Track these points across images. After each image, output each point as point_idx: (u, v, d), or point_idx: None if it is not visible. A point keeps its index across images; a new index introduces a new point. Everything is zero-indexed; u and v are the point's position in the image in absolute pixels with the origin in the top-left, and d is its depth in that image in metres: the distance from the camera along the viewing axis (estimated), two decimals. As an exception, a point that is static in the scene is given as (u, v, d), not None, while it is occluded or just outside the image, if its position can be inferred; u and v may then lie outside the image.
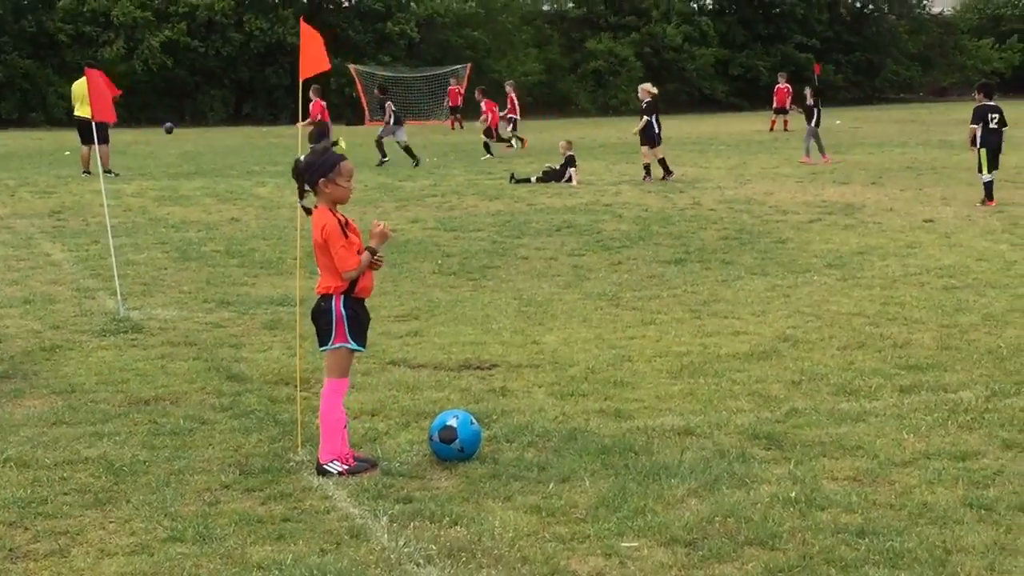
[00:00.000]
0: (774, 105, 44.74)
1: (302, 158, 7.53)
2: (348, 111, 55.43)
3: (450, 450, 7.48)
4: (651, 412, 8.62)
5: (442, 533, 6.34)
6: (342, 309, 7.34)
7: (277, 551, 6.15)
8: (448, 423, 7.51)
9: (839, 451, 7.63)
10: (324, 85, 38.00)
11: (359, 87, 53.63)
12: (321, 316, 7.42)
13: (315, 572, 5.84)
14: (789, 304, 12.48)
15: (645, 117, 25.79)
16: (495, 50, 67.30)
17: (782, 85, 44.40)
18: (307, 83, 8.43)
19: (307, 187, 7.45)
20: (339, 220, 7.29)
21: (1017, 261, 14.77)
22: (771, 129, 43.70)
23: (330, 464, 7.31)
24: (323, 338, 7.43)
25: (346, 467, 7.30)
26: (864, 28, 76.06)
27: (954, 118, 47.61)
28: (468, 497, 6.89)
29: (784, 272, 14.39)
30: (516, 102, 38.26)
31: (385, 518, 6.55)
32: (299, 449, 7.74)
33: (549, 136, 38.68)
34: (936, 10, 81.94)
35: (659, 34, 69.27)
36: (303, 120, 27.69)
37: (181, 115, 58.96)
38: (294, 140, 42.51)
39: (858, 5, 78.40)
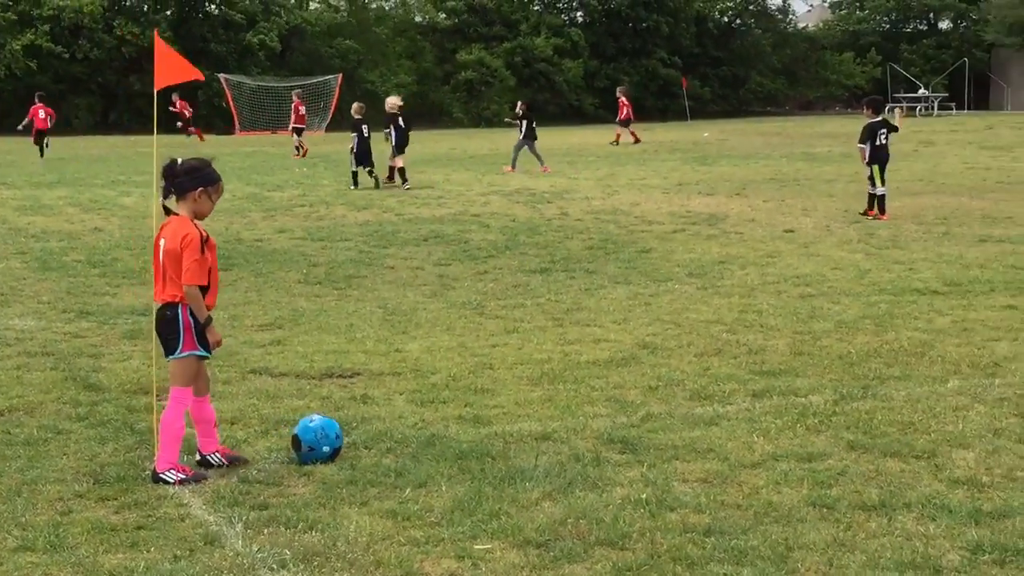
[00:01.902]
0: (618, 118, 45.08)
1: (180, 160, 7.53)
2: (218, 121, 54.92)
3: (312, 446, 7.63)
4: (510, 418, 8.73)
5: (297, 538, 6.37)
6: (188, 318, 7.35)
7: (129, 558, 6.13)
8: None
9: (691, 454, 7.81)
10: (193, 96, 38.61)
11: (228, 97, 53.16)
12: (166, 325, 7.42)
13: (167, 578, 5.84)
14: (650, 312, 12.70)
15: (392, 128, 27.56)
16: (367, 61, 67.18)
17: (622, 98, 44.84)
18: (163, 92, 8.48)
19: (173, 190, 7.45)
20: (201, 235, 7.33)
21: (871, 270, 15.18)
22: (616, 142, 43.68)
23: (167, 473, 7.30)
24: (170, 347, 7.43)
25: (183, 475, 7.30)
26: (731, 42, 77.37)
27: (819, 131, 48.72)
28: (324, 503, 6.93)
29: (646, 281, 14.63)
30: (302, 112, 40.30)
31: (240, 524, 6.56)
32: (155, 458, 7.70)
33: (420, 147, 38.72)
34: (801, 25, 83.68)
35: (529, 46, 69.69)
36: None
37: (46, 123, 57.83)
38: (166, 149, 41.98)
39: (725, 20, 79.71)
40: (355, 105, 28.69)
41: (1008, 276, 14.58)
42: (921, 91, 67.71)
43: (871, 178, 20.55)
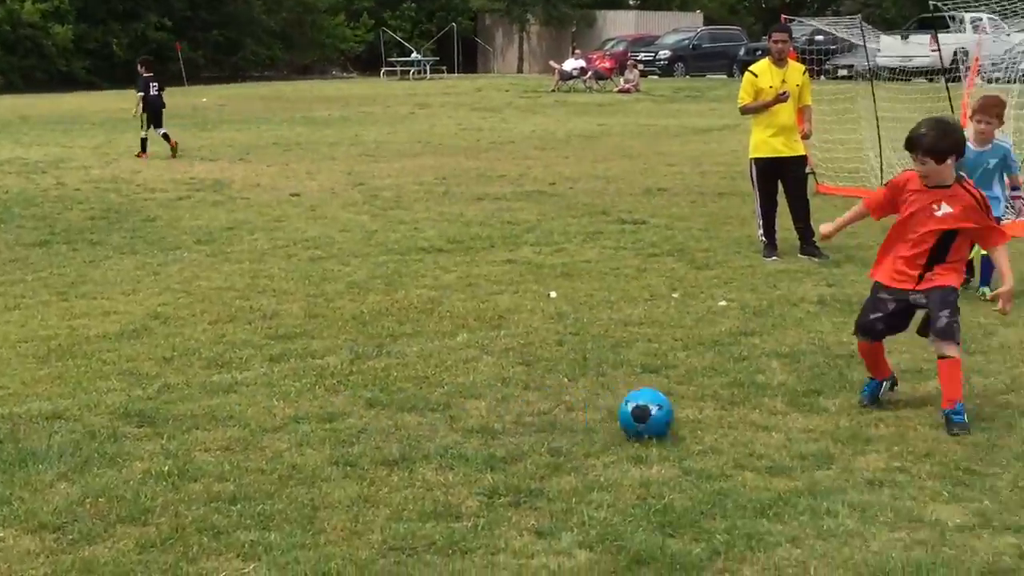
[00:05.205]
0: None
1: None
2: None
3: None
4: (17, 399, 8.30)
5: None
6: None
7: None
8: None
9: (211, 422, 7.71)
10: None
11: None
12: None
13: None
14: (159, 282, 12.42)
15: None
16: None
17: None
18: None
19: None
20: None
21: (377, 231, 15.49)
22: None
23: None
24: None
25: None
26: (223, 6, 76.39)
27: (317, 95, 49.11)
28: None
29: (154, 250, 14.28)
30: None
31: None
32: None
33: None
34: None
35: (16, 11, 66.27)
36: None
37: None
38: None
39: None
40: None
41: (505, 232, 15.29)
42: (414, 55, 69.51)
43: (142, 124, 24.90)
